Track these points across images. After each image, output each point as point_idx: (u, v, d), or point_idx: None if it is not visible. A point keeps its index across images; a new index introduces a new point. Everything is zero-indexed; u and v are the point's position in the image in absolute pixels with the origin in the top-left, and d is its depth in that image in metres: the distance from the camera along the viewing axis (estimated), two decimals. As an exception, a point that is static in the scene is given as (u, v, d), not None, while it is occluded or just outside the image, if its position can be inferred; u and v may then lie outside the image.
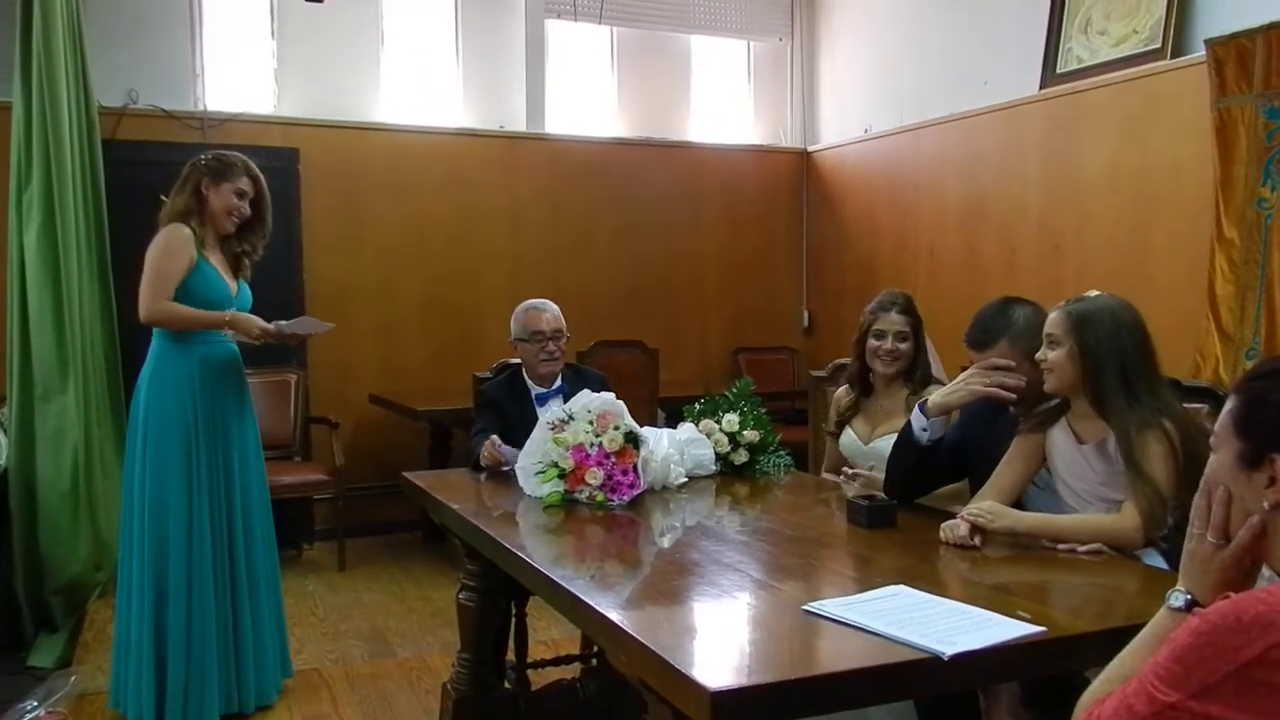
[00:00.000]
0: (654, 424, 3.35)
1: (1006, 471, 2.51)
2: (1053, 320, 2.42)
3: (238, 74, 6.04)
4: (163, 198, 3.42)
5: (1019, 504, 2.49)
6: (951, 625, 1.73)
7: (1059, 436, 2.46)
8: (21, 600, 4.14)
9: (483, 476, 3.20)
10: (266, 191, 3.51)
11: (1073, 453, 2.42)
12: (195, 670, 3.28)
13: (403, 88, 6.43)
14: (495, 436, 3.21)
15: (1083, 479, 2.40)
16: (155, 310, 3.28)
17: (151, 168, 3.47)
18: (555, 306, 3.65)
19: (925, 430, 2.64)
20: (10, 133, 4.37)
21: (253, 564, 3.45)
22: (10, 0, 4.42)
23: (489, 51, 6.60)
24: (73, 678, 3.62)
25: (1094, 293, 2.46)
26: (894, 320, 3.14)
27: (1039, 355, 2.43)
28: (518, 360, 3.69)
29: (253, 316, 3.40)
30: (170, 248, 3.30)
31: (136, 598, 3.30)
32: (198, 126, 5.67)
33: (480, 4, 6.58)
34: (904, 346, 3.14)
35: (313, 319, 3.62)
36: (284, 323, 3.41)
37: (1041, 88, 5.38)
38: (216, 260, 3.42)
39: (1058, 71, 5.31)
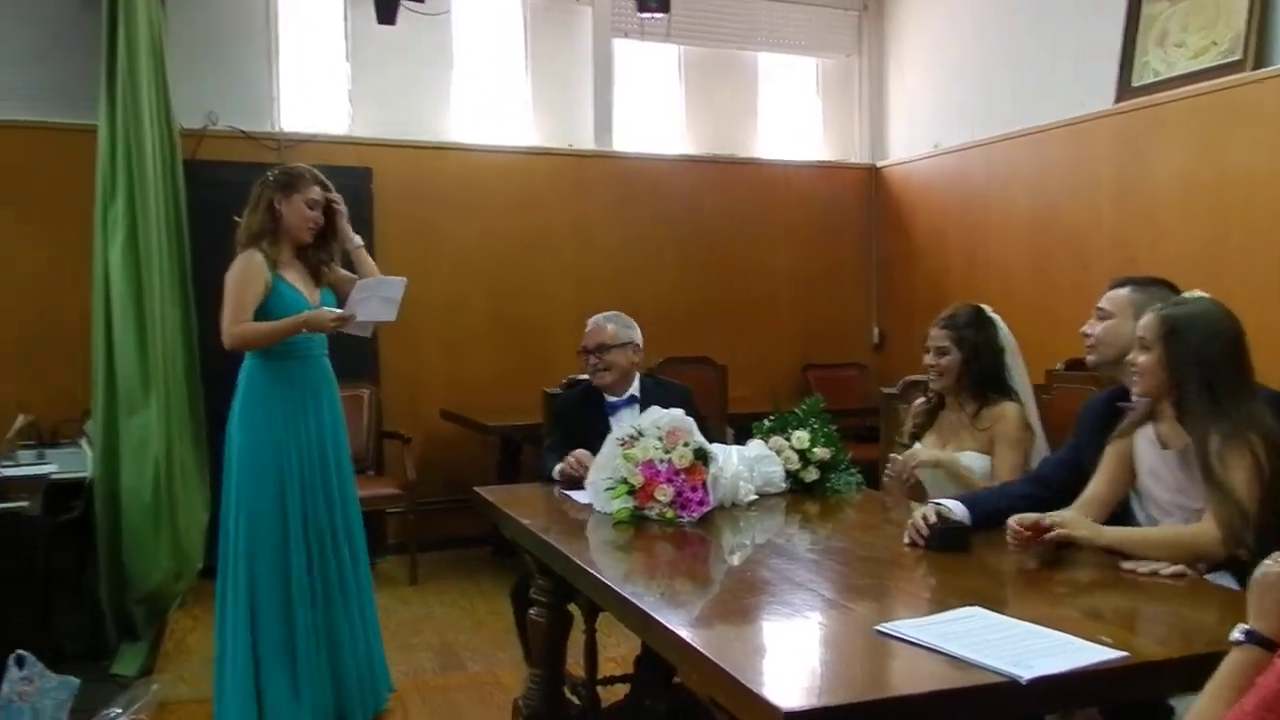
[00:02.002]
0: (723, 440, 3.33)
1: (1099, 481, 2.48)
2: (1145, 323, 2.39)
3: (313, 96, 6.18)
4: (235, 219, 3.48)
5: (1115, 515, 2.46)
6: (1029, 648, 1.70)
7: (1143, 442, 2.42)
8: (105, 609, 4.25)
9: (557, 490, 3.20)
10: (338, 197, 3.54)
11: (1156, 459, 2.38)
12: (297, 682, 3.32)
13: (473, 107, 6.52)
14: (585, 451, 3.16)
15: (1165, 485, 2.36)
16: (233, 334, 3.34)
17: (229, 187, 3.54)
18: (608, 319, 3.63)
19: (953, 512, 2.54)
20: (97, 154, 4.51)
21: (344, 578, 3.48)
22: (96, 28, 4.57)
23: (557, 71, 6.67)
24: (154, 686, 3.71)
25: (1195, 293, 2.43)
26: (935, 335, 3.21)
27: (1130, 357, 2.41)
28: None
29: (324, 310, 3.43)
30: (243, 276, 3.35)
31: (232, 614, 3.35)
32: (274, 147, 5.80)
33: (549, 25, 6.66)
34: (944, 361, 3.17)
35: (373, 281, 3.49)
36: (350, 303, 3.40)
37: (1116, 101, 5.30)
38: (294, 275, 3.46)
39: (1133, 85, 5.22)
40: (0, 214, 5.35)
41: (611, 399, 3.59)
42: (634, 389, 3.62)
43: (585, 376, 3.77)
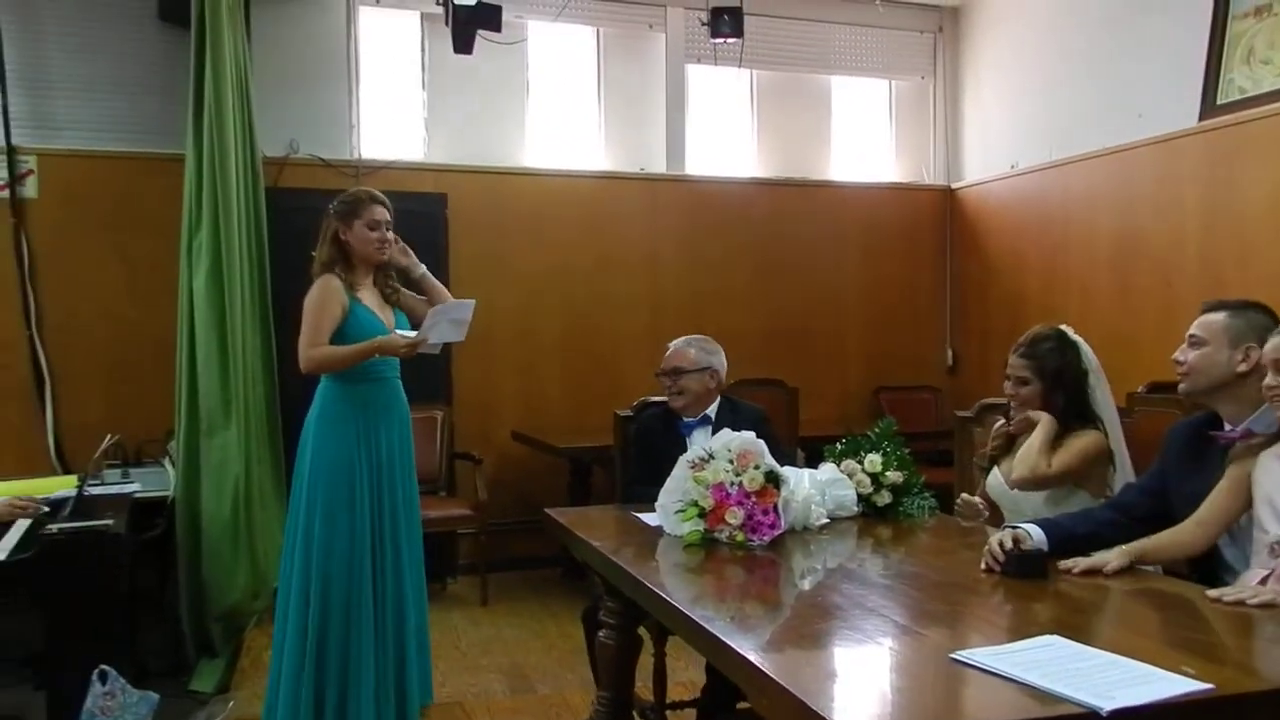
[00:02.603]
0: (794, 463, 3.30)
1: (1215, 502, 2.43)
2: (1278, 344, 2.33)
3: (391, 124, 6.30)
4: (312, 254, 3.55)
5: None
6: (1110, 679, 1.66)
7: (1269, 458, 2.35)
8: (185, 626, 4.33)
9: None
10: (393, 215, 3.58)
11: None
12: (353, 699, 3.36)
13: (547, 133, 6.59)
14: None
15: None
16: (310, 358, 3.41)
17: (310, 213, 3.62)
18: (687, 343, 3.69)
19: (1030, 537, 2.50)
20: (183, 182, 4.64)
21: (404, 598, 3.52)
22: (184, 61, 4.72)
23: (630, 97, 6.72)
24: (231, 703, 3.78)
25: None
26: (1014, 364, 3.14)
27: (1267, 381, 2.34)
28: (662, 397, 3.77)
29: (397, 335, 3.48)
30: (320, 300, 3.42)
31: (297, 627, 3.40)
32: (353, 174, 5.92)
33: (622, 52, 6.72)
34: (1024, 391, 3.10)
35: (446, 306, 3.55)
36: (423, 328, 3.44)
37: (1200, 119, 5.18)
38: (369, 299, 3.52)
39: (1218, 103, 5.10)
40: (91, 241, 5.53)
41: (686, 420, 3.61)
42: (709, 410, 3.63)
43: (657, 399, 3.79)
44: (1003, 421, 3.26)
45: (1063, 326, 3.18)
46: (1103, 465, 3.03)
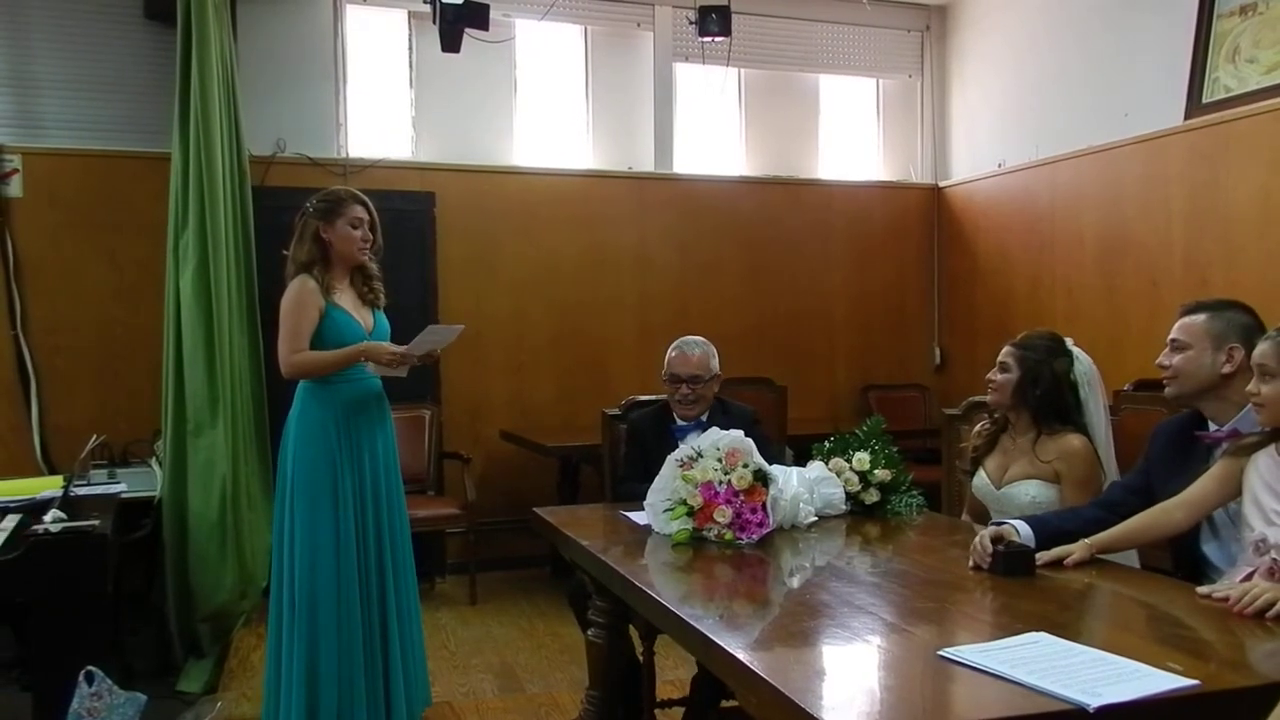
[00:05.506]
0: (782, 462, 3.31)
1: (1202, 486, 2.44)
2: (1265, 352, 2.32)
3: (378, 122, 6.28)
4: (284, 252, 3.51)
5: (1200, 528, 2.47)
6: (1096, 675, 1.66)
7: (1263, 457, 2.36)
8: (172, 627, 4.31)
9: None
10: (375, 215, 3.55)
11: (1276, 471, 2.31)
12: (345, 701, 3.35)
13: (535, 132, 6.58)
14: None
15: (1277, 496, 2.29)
16: (292, 363, 3.38)
17: (296, 213, 3.60)
18: (702, 349, 3.66)
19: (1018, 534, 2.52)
20: (170, 182, 4.62)
21: (398, 594, 3.51)
22: (170, 59, 4.70)
23: (618, 95, 6.72)
24: (219, 704, 3.75)
25: None
26: (1003, 351, 3.14)
27: (1250, 388, 2.35)
28: (651, 396, 3.75)
29: (383, 344, 3.46)
30: (297, 303, 3.39)
31: (288, 630, 3.38)
32: (340, 173, 5.90)
33: (610, 50, 6.71)
34: (1000, 378, 3.10)
35: (438, 327, 3.59)
36: (411, 343, 3.43)
37: (1186, 118, 5.20)
38: (347, 300, 3.49)
39: (1203, 101, 5.12)
40: (77, 240, 5.50)
41: (681, 422, 3.59)
42: (705, 414, 3.62)
43: (644, 398, 3.78)
44: (985, 422, 3.26)
45: (1064, 337, 3.17)
46: (1096, 473, 3.01)
